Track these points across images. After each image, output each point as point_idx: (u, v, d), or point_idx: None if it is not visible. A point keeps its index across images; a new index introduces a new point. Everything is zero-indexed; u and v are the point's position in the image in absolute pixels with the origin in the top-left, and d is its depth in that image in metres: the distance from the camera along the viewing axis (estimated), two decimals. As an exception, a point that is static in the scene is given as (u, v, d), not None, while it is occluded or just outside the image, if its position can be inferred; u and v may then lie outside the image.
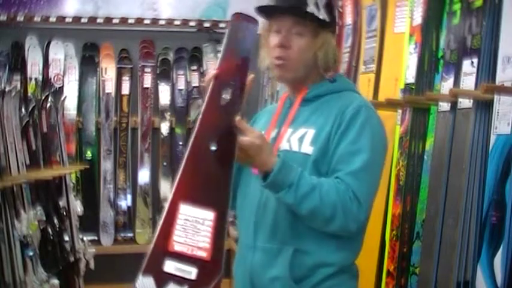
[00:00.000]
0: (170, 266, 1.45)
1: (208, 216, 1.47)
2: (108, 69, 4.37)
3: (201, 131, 1.52)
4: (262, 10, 1.69)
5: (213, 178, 1.50)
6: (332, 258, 1.61)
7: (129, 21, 4.34)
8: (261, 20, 1.72)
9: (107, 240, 4.26)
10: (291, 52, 1.64)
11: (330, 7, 1.67)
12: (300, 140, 1.63)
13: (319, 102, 1.68)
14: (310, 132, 1.62)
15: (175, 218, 1.48)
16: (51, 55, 4.24)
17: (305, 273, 1.60)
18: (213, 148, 1.49)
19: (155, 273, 1.45)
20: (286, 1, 1.66)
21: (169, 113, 4.43)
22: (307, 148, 1.61)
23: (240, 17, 1.59)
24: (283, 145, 1.65)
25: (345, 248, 1.64)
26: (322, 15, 1.64)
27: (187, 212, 1.48)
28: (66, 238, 3.18)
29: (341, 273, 1.64)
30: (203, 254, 1.45)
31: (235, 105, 1.53)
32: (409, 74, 2.38)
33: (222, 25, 4.47)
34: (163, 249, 1.47)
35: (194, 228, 1.47)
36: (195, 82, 4.48)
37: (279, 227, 1.62)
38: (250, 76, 1.57)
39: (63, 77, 4.25)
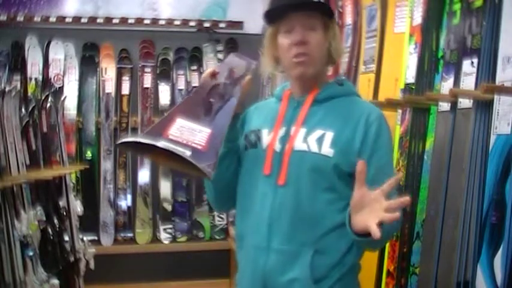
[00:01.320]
0: (164, 144, 1.48)
1: (204, 130, 1.52)
2: (108, 69, 4.36)
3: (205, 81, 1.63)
4: (273, 13, 1.68)
5: (211, 110, 1.57)
6: (347, 258, 1.64)
7: (129, 21, 4.35)
8: (264, 25, 1.76)
9: (107, 240, 4.25)
10: (310, 47, 1.64)
11: None
12: (318, 141, 1.63)
13: (330, 104, 1.69)
14: (329, 135, 1.63)
15: (171, 125, 1.52)
16: (51, 55, 4.24)
17: (324, 273, 1.62)
18: (212, 100, 1.58)
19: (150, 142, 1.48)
20: None
21: (169, 113, 4.43)
22: (328, 150, 1.62)
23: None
24: (299, 145, 1.64)
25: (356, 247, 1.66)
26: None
27: (183, 124, 1.52)
28: (66, 238, 3.18)
29: (351, 271, 1.67)
30: (198, 147, 1.49)
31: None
32: (409, 74, 2.38)
33: (222, 25, 4.48)
34: (159, 133, 1.50)
35: (191, 133, 1.51)
36: (195, 82, 4.47)
37: (298, 229, 1.62)
38: (247, 77, 1.64)
39: (63, 77, 4.25)
